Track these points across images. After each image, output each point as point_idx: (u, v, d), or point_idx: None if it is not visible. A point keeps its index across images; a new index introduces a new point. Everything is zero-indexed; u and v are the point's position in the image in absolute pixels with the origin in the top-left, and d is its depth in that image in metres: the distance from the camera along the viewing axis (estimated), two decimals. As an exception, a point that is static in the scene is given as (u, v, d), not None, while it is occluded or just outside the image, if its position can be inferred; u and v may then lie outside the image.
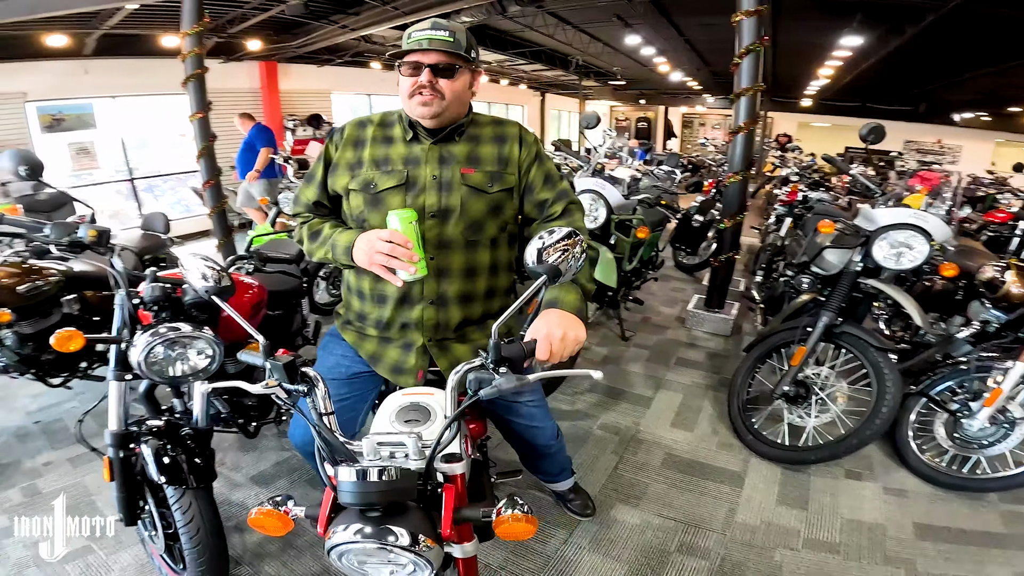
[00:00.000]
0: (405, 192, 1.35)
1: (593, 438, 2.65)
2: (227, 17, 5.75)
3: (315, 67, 8.71)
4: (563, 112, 18.99)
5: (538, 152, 1.46)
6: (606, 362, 3.43)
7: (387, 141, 1.41)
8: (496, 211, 1.40)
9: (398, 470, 1.05)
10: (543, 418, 1.68)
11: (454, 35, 1.29)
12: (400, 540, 1.01)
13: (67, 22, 5.26)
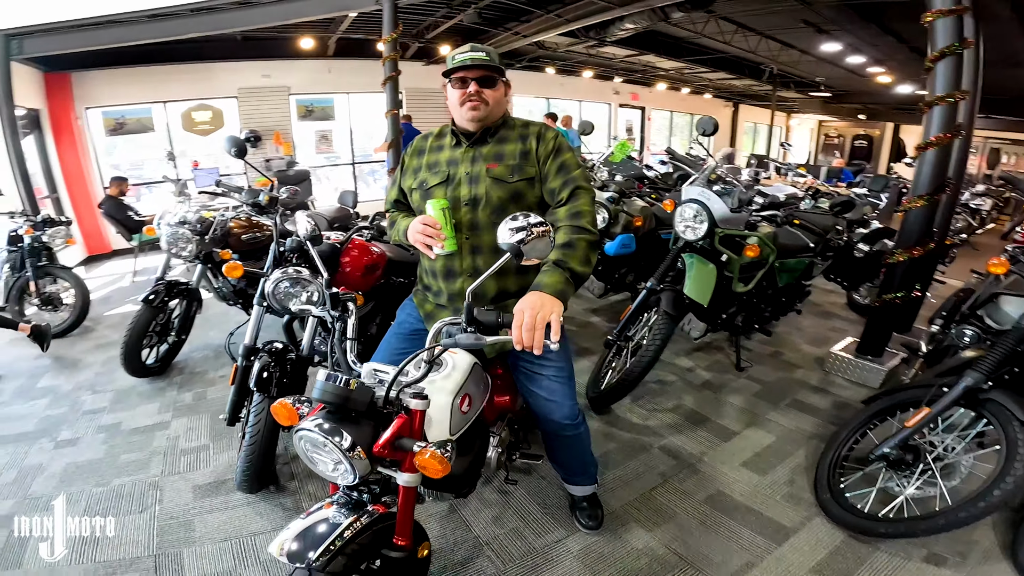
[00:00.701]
0: (446, 187, 1.66)
1: (647, 455, 2.50)
2: (424, 24, 6.64)
3: None
4: (759, 125, 17.32)
5: (556, 147, 1.67)
6: (705, 387, 3.15)
7: (439, 149, 1.74)
8: (517, 197, 1.65)
9: (359, 384, 1.30)
10: (563, 396, 1.73)
11: (490, 55, 1.62)
12: (341, 442, 1.24)
13: (312, 27, 6.63)
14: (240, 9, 5.19)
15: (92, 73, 6.85)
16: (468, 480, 1.68)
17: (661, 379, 3.27)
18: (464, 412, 1.54)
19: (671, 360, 3.50)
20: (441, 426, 1.46)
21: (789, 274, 3.39)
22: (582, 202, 1.61)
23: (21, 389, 3.54)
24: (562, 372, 1.73)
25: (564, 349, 1.74)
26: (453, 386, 1.51)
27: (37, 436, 2.88)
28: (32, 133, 6.59)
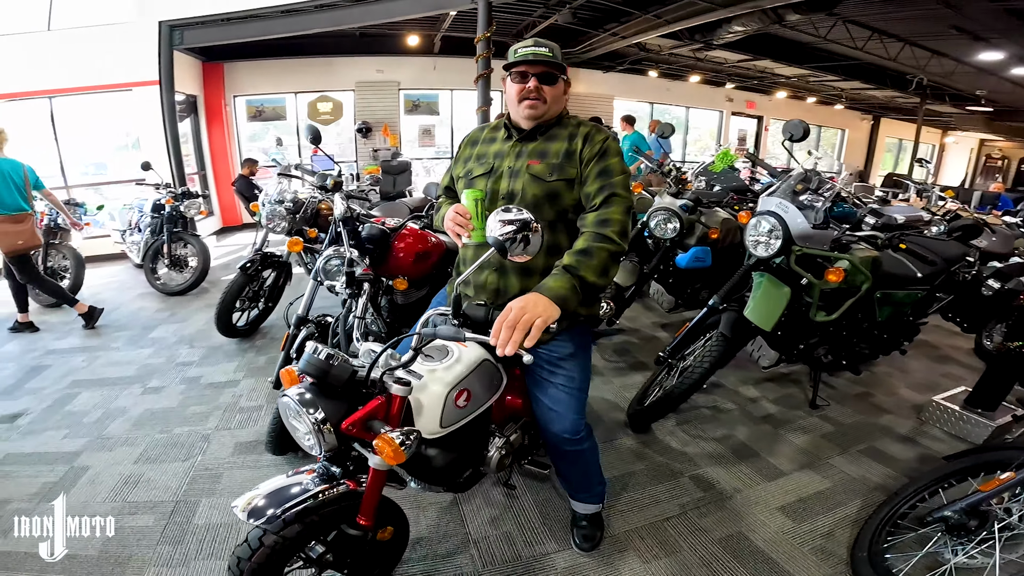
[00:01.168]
0: (487, 178, 1.64)
1: (674, 482, 2.30)
2: (522, 24, 6.71)
3: (601, 73, 9.33)
4: (904, 141, 15.20)
5: (603, 151, 1.58)
6: (765, 421, 2.83)
7: (491, 141, 1.73)
8: (553, 197, 1.59)
9: (342, 361, 1.35)
10: (567, 407, 1.64)
11: (552, 51, 1.57)
12: (314, 414, 1.30)
13: (418, 25, 7.00)
14: (354, 6, 5.63)
15: (240, 64, 7.83)
16: (453, 475, 1.64)
17: (717, 405, 2.99)
18: (460, 407, 1.51)
19: (735, 387, 3.20)
20: (431, 415, 1.46)
21: (894, 308, 2.92)
22: (614, 210, 1.52)
23: (133, 337, 4.13)
24: (572, 383, 1.64)
25: (580, 360, 1.66)
26: (452, 378, 1.49)
27: (131, 382, 3.34)
28: (189, 117, 7.67)
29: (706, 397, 3.08)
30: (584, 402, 1.68)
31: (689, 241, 3.59)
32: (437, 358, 1.53)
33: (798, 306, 2.67)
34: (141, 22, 6.40)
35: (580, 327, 1.70)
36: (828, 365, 3.02)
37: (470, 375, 1.54)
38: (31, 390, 3.28)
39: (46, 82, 6.50)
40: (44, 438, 2.71)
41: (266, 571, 1.34)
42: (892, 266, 2.83)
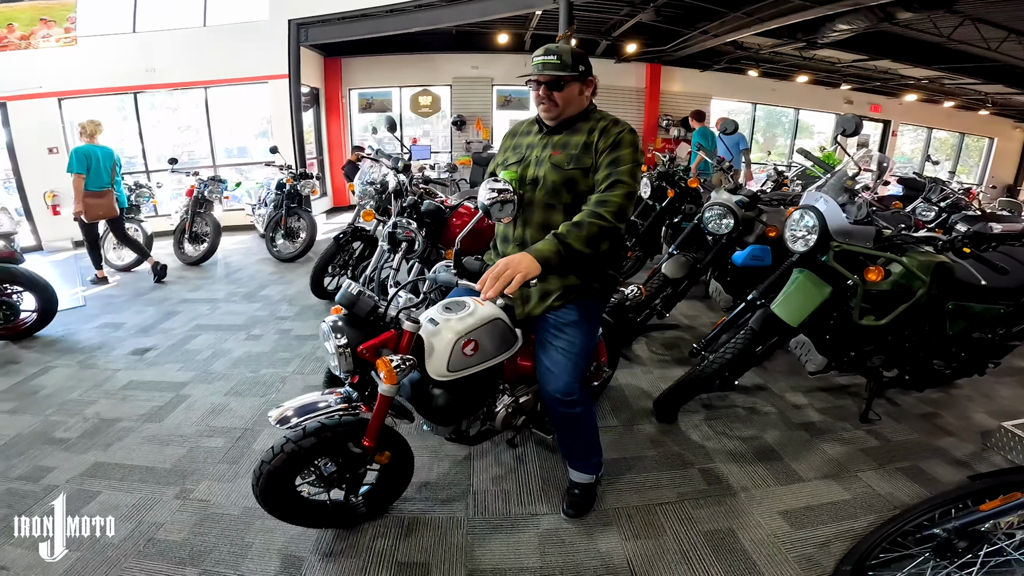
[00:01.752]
0: (519, 165, 1.86)
1: (682, 472, 2.34)
2: (610, 22, 6.70)
3: (698, 72, 8.95)
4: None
5: (616, 142, 1.74)
6: (803, 428, 2.72)
7: (527, 134, 1.93)
8: (570, 184, 1.77)
9: (368, 299, 1.70)
10: (563, 369, 1.80)
11: (560, 57, 1.72)
12: (339, 338, 1.65)
13: (508, 24, 7.27)
14: (449, 5, 6.02)
15: (355, 59, 8.66)
16: (451, 417, 1.87)
17: (755, 407, 2.93)
18: (467, 355, 1.74)
19: (781, 392, 3.09)
20: (440, 358, 1.71)
21: (969, 322, 2.67)
22: (615, 193, 1.69)
23: (248, 294, 4.88)
24: (571, 347, 1.80)
25: (583, 329, 1.82)
26: (462, 328, 1.73)
27: (239, 329, 3.99)
28: (312, 107, 8.63)
29: (745, 397, 3.02)
30: (581, 368, 1.82)
31: (747, 239, 3.49)
32: (455, 310, 1.77)
33: (843, 308, 2.55)
34: (274, 21, 7.34)
35: (590, 299, 1.86)
36: (890, 379, 2.83)
37: (480, 328, 1.76)
38: (163, 330, 4.06)
39: (202, 73, 7.68)
40: (163, 369, 3.38)
41: (281, 474, 1.67)
42: (964, 275, 2.58)
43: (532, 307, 1.84)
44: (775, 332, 2.56)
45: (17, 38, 6.83)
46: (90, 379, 3.28)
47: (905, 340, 2.68)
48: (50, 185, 7.31)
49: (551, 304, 1.81)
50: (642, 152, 1.83)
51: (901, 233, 2.60)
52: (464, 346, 1.73)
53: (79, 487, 2.24)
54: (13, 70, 6.99)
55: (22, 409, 2.93)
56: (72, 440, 2.61)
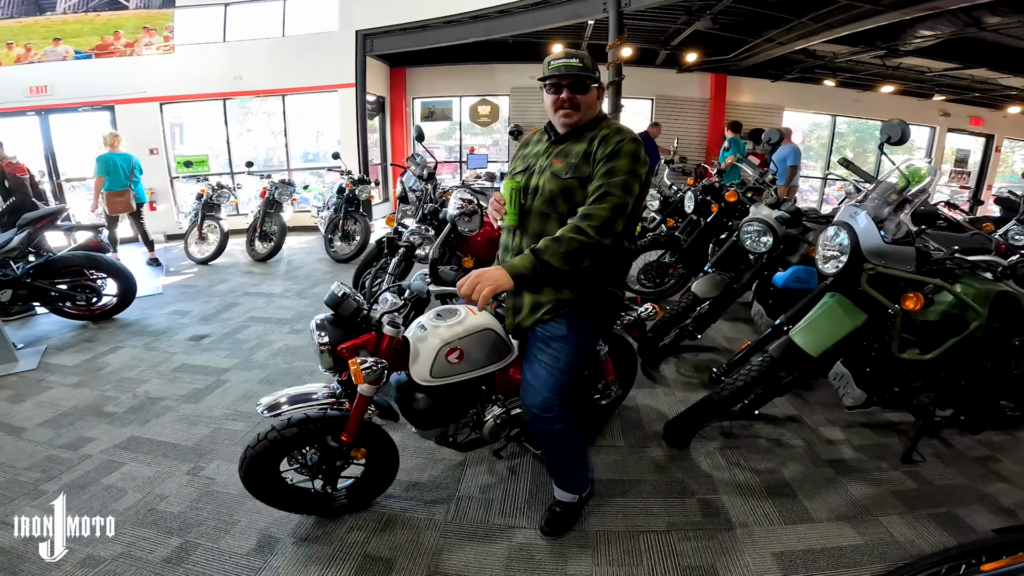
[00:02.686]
0: (524, 174, 1.85)
1: (679, 501, 2.23)
2: (668, 31, 6.52)
3: (767, 81, 8.47)
4: None
5: (614, 151, 1.68)
6: (830, 465, 2.50)
7: (537, 143, 1.91)
8: (567, 193, 1.73)
9: (352, 301, 1.78)
10: (543, 384, 1.77)
11: (583, 61, 1.71)
12: (321, 336, 1.75)
13: (562, 33, 7.29)
14: (502, 16, 6.13)
15: (418, 69, 9.00)
16: (430, 421, 1.91)
17: (781, 439, 2.73)
18: (452, 363, 1.79)
19: (816, 426, 2.86)
20: (424, 363, 1.77)
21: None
22: (601, 207, 1.64)
23: (301, 291, 5.19)
24: (555, 362, 1.76)
25: (570, 344, 1.78)
26: (449, 336, 1.78)
27: (285, 323, 4.26)
28: (377, 116, 9.06)
29: (772, 428, 2.82)
30: (563, 384, 1.78)
31: (791, 259, 3.26)
32: (445, 318, 1.82)
33: (881, 338, 2.33)
34: (343, 32, 7.80)
35: (581, 315, 1.80)
36: (943, 419, 2.55)
37: (467, 337, 1.79)
38: (221, 319, 4.41)
39: (281, 81, 8.28)
40: (212, 355, 3.67)
41: (263, 460, 1.77)
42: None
43: (522, 318, 1.82)
44: (796, 362, 2.36)
45: (123, 45, 7.66)
46: (149, 360, 3.62)
47: (960, 378, 2.40)
48: (149, 183, 8.16)
49: (540, 317, 1.77)
50: (644, 162, 1.74)
51: (954, 256, 2.33)
52: (448, 353, 1.76)
53: (109, 458, 2.48)
54: (120, 75, 7.83)
55: (85, 383, 3.30)
56: (118, 415, 2.91)
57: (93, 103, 7.93)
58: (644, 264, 4.54)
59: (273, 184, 6.56)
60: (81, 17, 7.52)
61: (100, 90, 7.83)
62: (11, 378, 3.39)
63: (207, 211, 6.48)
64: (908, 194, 2.31)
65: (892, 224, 2.19)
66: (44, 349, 3.84)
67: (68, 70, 7.71)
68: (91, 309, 4.36)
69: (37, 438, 2.68)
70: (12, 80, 7.67)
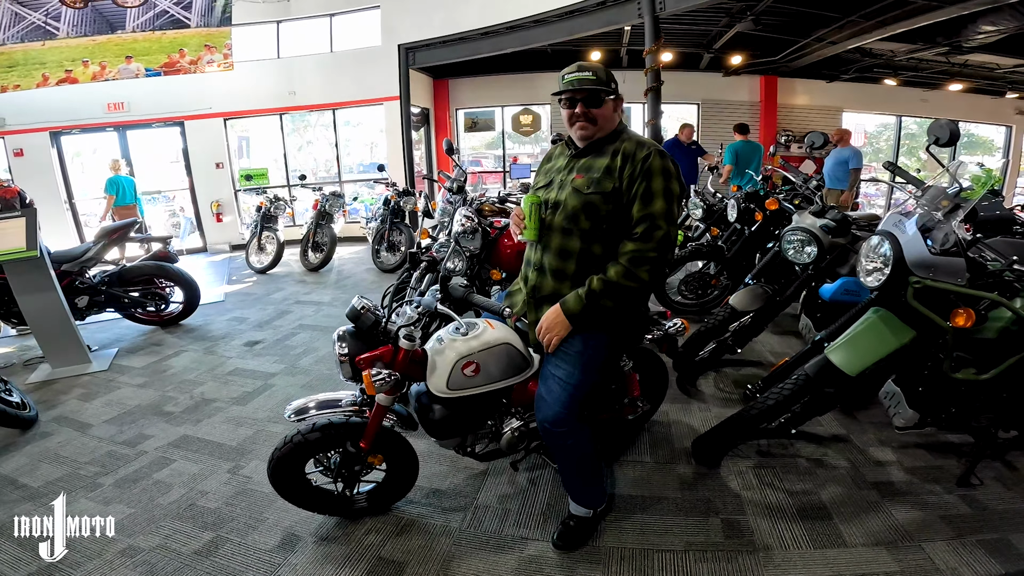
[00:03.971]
0: (546, 189, 1.86)
1: (700, 520, 2.15)
2: (711, 34, 6.34)
3: (823, 83, 8.04)
4: None
5: (646, 170, 1.66)
6: (873, 488, 2.35)
7: (560, 156, 1.92)
8: (589, 209, 1.73)
9: (373, 317, 1.85)
10: (555, 398, 1.77)
11: (596, 74, 1.70)
12: (341, 346, 1.83)
13: (600, 41, 7.24)
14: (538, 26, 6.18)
15: (461, 80, 9.20)
16: (448, 431, 1.95)
17: (823, 459, 2.58)
18: (468, 376, 1.83)
19: (865, 446, 2.68)
20: (441, 375, 1.83)
21: None
22: (649, 246, 1.66)
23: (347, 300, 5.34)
24: (570, 378, 1.77)
25: (585, 361, 1.79)
26: (465, 349, 1.83)
27: (331, 330, 4.34)
28: (422, 127, 9.31)
29: (815, 448, 2.68)
30: (576, 400, 1.78)
31: (840, 270, 3.08)
32: (464, 331, 1.86)
33: (934, 357, 2.17)
34: (386, 46, 8.10)
35: (600, 333, 1.81)
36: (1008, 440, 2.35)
37: (484, 351, 1.83)
38: (274, 326, 4.67)
39: (331, 96, 8.67)
40: (262, 360, 3.89)
41: (288, 462, 1.89)
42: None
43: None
44: (833, 381, 2.23)
45: (187, 62, 8.23)
46: (207, 364, 3.89)
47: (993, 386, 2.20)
48: (216, 196, 8.76)
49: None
50: (677, 174, 1.71)
51: (1013, 267, 2.15)
52: (465, 367, 1.80)
53: (162, 455, 2.69)
54: (188, 92, 8.41)
55: (149, 384, 3.58)
56: (175, 414, 3.14)
57: (166, 119, 8.58)
58: (686, 275, 4.42)
59: (324, 196, 6.88)
60: (149, 35, 8.11)
61: (171, 106, 8.43)
62: (84, 378, 3.72)
63: (265, 223, 6.87)
64: (960, 200, 2.15)
65: (941, 233, 2.04)
66: (116, 352, 4.19)
67: (141, 87, 8.31)
68: (160, 315, 4.72)
69: (101, 434, 2.92)
70: (91, 97, 8.24)
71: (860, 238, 3.05)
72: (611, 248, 1.75)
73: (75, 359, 3.89)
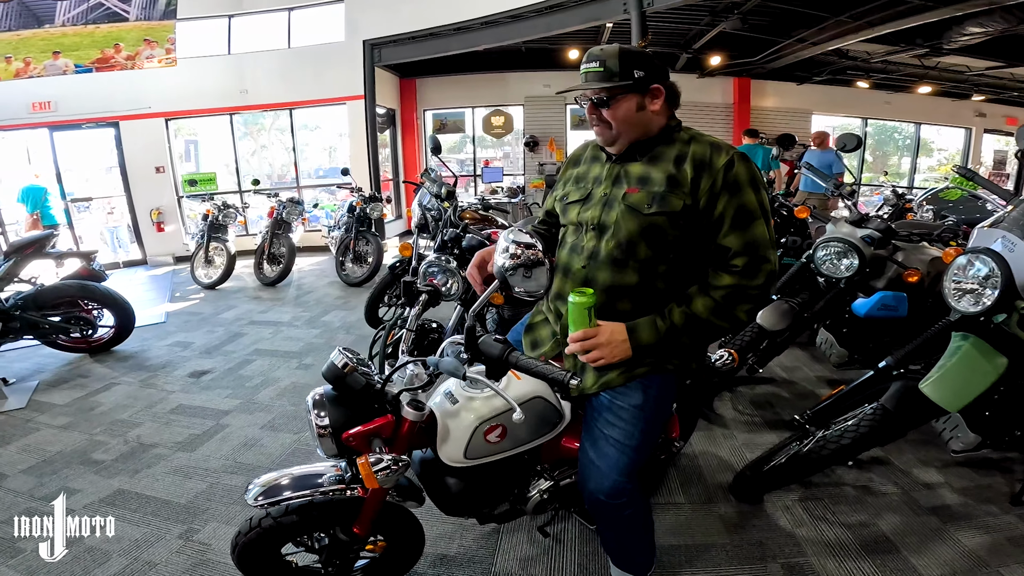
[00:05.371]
0: (581, 206, 1.44)
1: (759, 568, 1.85)
2: (690, 34, 6.20)
3: (794, 85, 8.11)
4: None
5: (733, 181, 1.27)
6: (933, 513, 2.11)
7: (594, 160, 1.50)
8: (652, 234, 1.32)
9: (362, 378, 1.34)
10: (610, 465, 1.38)
11: (604, 63, 1.29)
12: (319, 416, 1.33)
13: (578, 38, 7.01)
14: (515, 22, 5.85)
15: (429, 80, 8.78)
16: (469, 509, 1.55)
17: (870, 486, 2.32)
18: (491, 443, 1.41)
19: (908, 468, 2.44)
20: (457, 444, 1.40)
21: None
22: (757, 283, 1.29)
23: (311, 319, 4.88)
24: (629, 438, 1.37)
25: (647, 415, 1.38)
26: (488, 412, 1.40)
27: (293, 356, 3.96)
28: (388, 129, 8.82)
29: (857, 474, 2.41)
30: (636, 463, 1.39)
31: (876, 283, 2.78)
32: (481, 386, 1.39)
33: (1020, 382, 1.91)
34: (350, 42, 7.56)
35: (663, 377, 1.41)
36: None
37: (511, 411, 1.40)
38: (225, 352, 4.09)
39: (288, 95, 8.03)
40: (213, 395, 3.34)
41: (256, 548, 1.43)
42: None
43: (585, 382, 1.41)
44: (919, 415, 1.93)
45: (123, 58, 7.47)
46: (145, 399, 3.31)
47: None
48: (156, 203, 7.95)
49: (609, 379, 1.38)
50: (764, 184, 1.35)
51: None
52: (488, 432, 1.39)
53: (93, 514, 2.17)
54: (124, 90, 7.59)
55: (74, 425, 3.00)
56: (106, 463, 2.61)
57: (98, 119, 7.73)
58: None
59: (281, 203, 6.29)
60: (80, 30, 7.35)
61: (104, 106, 7.61)
62: None
63: (213, 232, 6.21)
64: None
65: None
66: (36, 385, 3.57)
67: (71, 85, 7.51)
68: (88, 341, 4.06)
69: (18, 487, 2.43)
70: (14, 95, 7.40)
71: (900, 248, 2.79)
72: (679, 282, 1.36)
73: (-15, 396, 3.27)
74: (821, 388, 3.26)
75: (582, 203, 1.44)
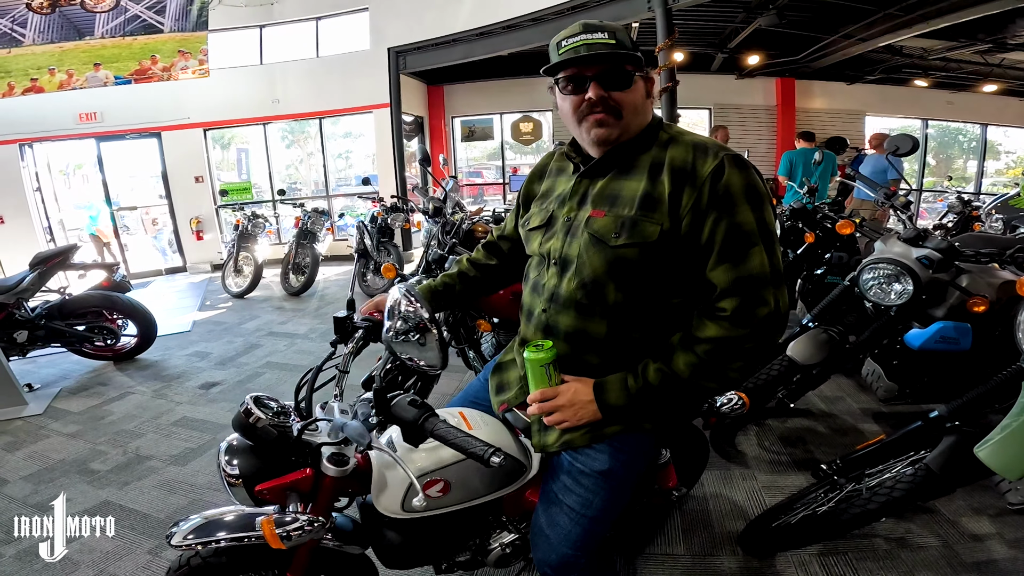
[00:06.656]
0: (543, 233, 1.19)
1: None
2: (724, 32, 5.88)
3: (844, 84, 7.56)
4: None
5: (722, 193, 0.98)
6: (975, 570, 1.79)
7: (559, 173, 1.24)
8: (621, 271, 1.05)
9: (273, 432, 1.20)
10: (560, 537, 1.18)
11: (614, 34, 1.02)
12: (231, 468, 1.20)
13: None
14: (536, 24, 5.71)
15: (456, 86, 8.71)
16: (407, 561, 1.38)
17: (906, 538, 2.02)
18: (433, 496, 1.24)
19: (955, 516, 2.12)
20: (393, 496, 1.23)
21: None
22: (745, 332, 1.01)
23: (327, 332, 4.88)
24: (584, 508, 1.16)
25: (609, 481, 1.17)
26: (430, 464, 1.22)
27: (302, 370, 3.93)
28: (416, 136, 8.82)
29: (893, 523, 2.09)
30: (592, 536, 1.18)
31: (935, 311, 2.38)
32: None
33: None
34: (375, 50, 7.58)
35: (635, 437, 1.16)
36: None
37: (457, 464, 1.24)
38: (238, 364, 4.10)
39: (317, 104, 8.13)
40: (215, 408, 3.33)
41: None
42: None
43: (546, 438, 1.21)
44: (969, 477, 1.58)
45: (160, 69, 7.71)
46: (153, 410, 3.35)
47: None
48: (196, 212, 8.23)
49: (572, 439, 1.15)
50: (768, 195, 1.05)
51: None
52: (428, 487, 1.22)
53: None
54: (164, 101, 7.86)
55: (82, 434, 3.06)
56: (101, 473, 2.64)
57: (141, 130, 8.05)
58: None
59: (306, 213, 6.35)
60: (119, 42, 7.62)
61: (147, 116, 7.90)
62: (16, 423, 3.25)
63: (242, 242, 6.34)
64: None
65: None
66: (57, 392, 3.68)
67: (115, 95, 7.79)
68: (112, 349, 4.18)
69: (15, 493, 2.50)
70: (61, 107, 7.65)
71: (964, 272, 2.36)
72: (660, 328, 1.10)
73: (8, 401, 3.40)
74: (865, 423, 2.88)
75: (544, 229, 1.18)
